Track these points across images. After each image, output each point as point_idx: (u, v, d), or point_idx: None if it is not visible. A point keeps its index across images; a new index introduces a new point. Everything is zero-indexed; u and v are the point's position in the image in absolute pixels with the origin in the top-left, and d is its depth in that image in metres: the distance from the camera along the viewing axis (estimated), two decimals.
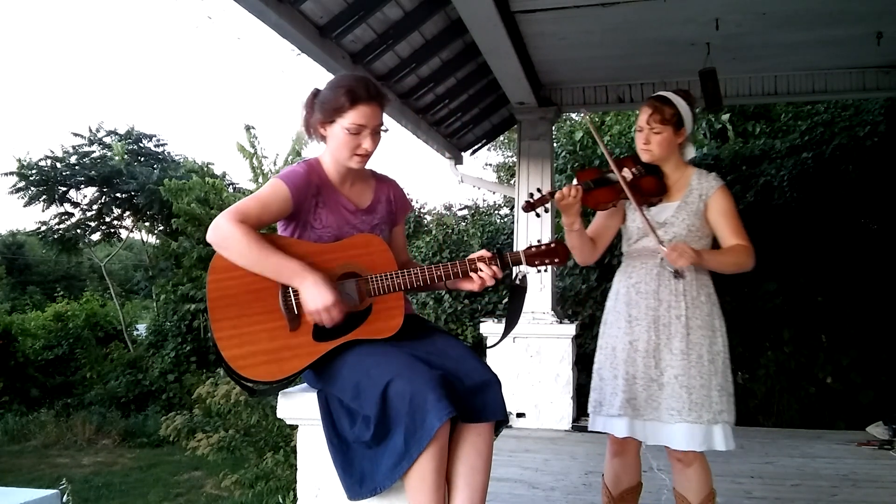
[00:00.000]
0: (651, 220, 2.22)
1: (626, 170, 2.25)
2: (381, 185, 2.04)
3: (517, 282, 1.98)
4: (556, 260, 1.94)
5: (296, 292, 1.76)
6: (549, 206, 2.11)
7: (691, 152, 2.36)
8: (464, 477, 1.72)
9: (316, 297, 1.72)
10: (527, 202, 2.11)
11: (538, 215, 2.13)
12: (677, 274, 2.14)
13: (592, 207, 2.25)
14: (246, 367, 1.76)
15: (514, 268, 1.95)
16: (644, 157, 2.28)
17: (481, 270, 1.87)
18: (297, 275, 1.74)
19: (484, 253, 1.90)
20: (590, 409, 2.35)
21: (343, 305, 1.75)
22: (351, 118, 1.81)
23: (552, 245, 1.94)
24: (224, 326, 1.76)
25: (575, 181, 2.23)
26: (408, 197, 2.14)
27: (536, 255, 1.93)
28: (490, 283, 1.88)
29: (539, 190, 2.14)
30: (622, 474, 2.38)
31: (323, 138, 1.91)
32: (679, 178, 2.30)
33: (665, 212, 2.27)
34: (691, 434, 2.13)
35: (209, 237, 1.77)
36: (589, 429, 2.37)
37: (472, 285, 1.90)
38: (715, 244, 2.31)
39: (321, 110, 1.86)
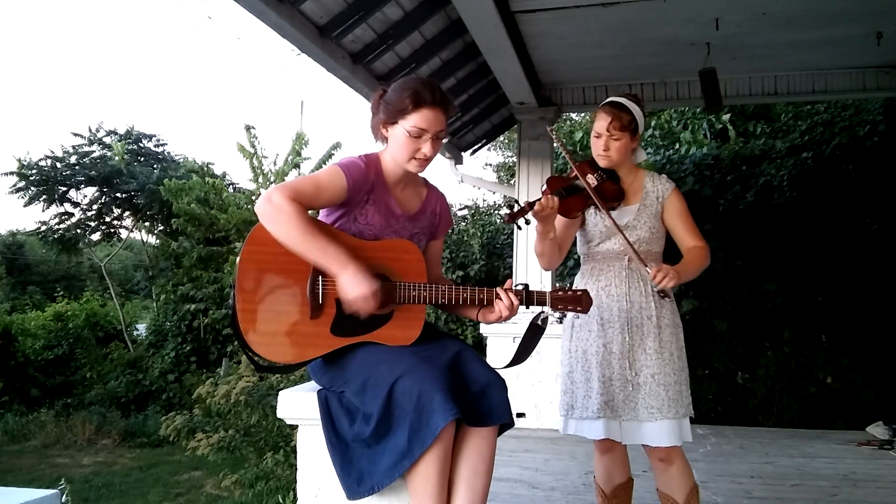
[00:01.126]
0: (618, 224, 2.25)
1: (589, 176, 2.27)
2: (431, 195, 2.05)
3: (539, 322, 1.97)
4: (578, 308, 1.94)
5: (325, 282, 1.76)
6: (529, 216, 2.11)
7: (641, 156, 2.42)
8: (465, 480, 1.72)
9: (355, 286, 1.70)
10: (508, 214, 2.10)
11: (520, 227, 2.13)
12: (663, 294, 2.18)
13: (564, 215, 2.26)
14: (259, 345, 1.76)
15: (538, 306, 1.94)
16: (602, 163, 2.31)
17: (501, 299, 1.87)
18: (339, 262, 1.72)
19: (510, 284, 1.91)
20: (560, 413, 2.37)
21: (378, 300, 1.74)
22: (413, 121, 1.81)
23: (578, 293, 1.94)
24: (247, 298, 1.76)
25: (545, 188, 2.23)
26: (451, 214, 2.14)
27: (561, 300, 1.93)
28: (507, 315, 1.88)
29: (517, 201, 2.15)
30: (613, 471, 2.41)
31: (384, 139, 1.90)
32: (633, 181, 2.35)
33: (626, 215, 2.31)
34: (670, 430, 2.19)
35: (258, 207, 1.74)
36: (561, 433, 2.38)
37: (491, 315, 1.91)
38: (668, 243, 2.37)
39: (385, 111, 1.86)
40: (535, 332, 1.99)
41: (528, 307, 1.92)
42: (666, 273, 2.10)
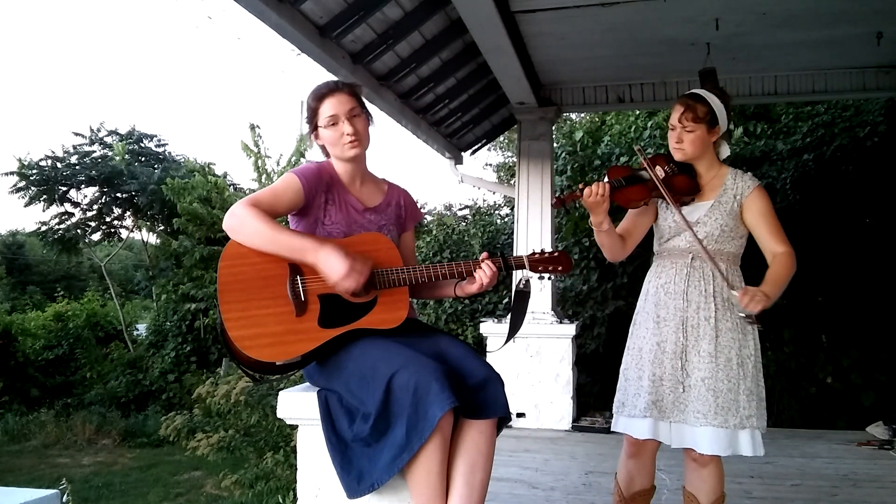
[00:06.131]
0: (686, 218, 2.20)
1: (658, 168, 2.23)
2: (392, 190, 2.11)
3: (521, 286, 2.00)
4: (559, 268, 1.96)
5: (304, 280, 1.80)
6: (580, 201, 2.11)
7: (726, 151, 2.32)
8: (463, 474, 1.72)
9: (334, 266, 1.75)
10: (557, 198, 2.11)
11: (568, 211, 2.13)
12: (751, 321, 2.08)
13: (623, 205, 2.23)
14: (252, 348, 1.77)
15: (518, 272, 1.98)
16: (676, 156, 2.25)
17: (480, 269, 1.90)
18: (310, 250, 1.78)
19: (486, 255, 1.94)
20: (614, 409, 2.34)
21: (363, 269, 1.77)
22: (323, 114, 1.94)
23: (555, 254, 1.97)
24: (232, 309, 1.79)
25: (605, 178, 2.20)
26: (419, 206, 2.19)
27: (540, 262, 1.97)
28: (487, 282, 1.91)
29: (570, 187, 2.14)
30: (636, 476, 2.36)
31: (323, 149, 2.03)
32: (713, 177, 2.27)
33: (697, 211, 2.24)
34: (716, 438, 2.11)
35: (225, 224, 1.83)
36: (612, 429, 2.36)
37: (472, 286, 1.94)
38: (750, 241, 2.28)
39: (308, 127, 2.02)
40: (521, 298, 2.02)
41: (507, 272, 1.96)
42: (753, 296, 2.00)
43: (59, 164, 13.67)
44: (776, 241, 2.19)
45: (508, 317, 1.96)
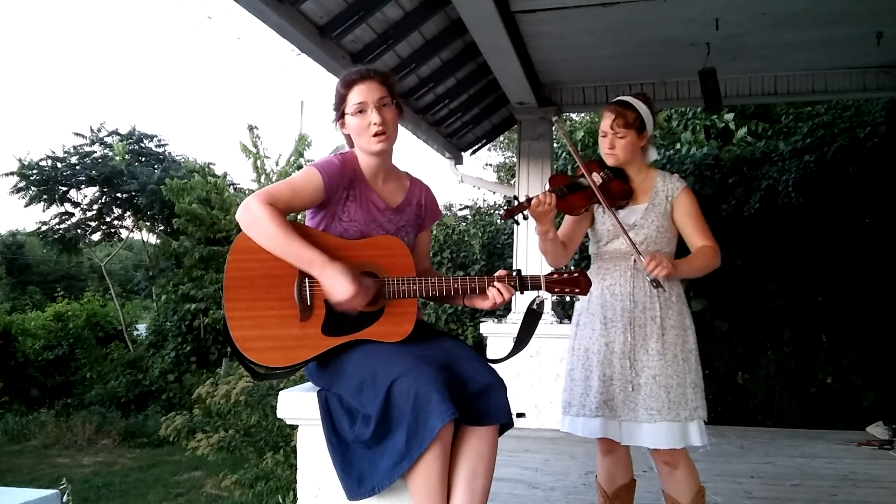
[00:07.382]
0: (622, 223, 2.24)
1: (594, 174, 2.27)
2: (414, 186, 2.05)
3: (534, 306, 1.96)
4: (576, 290, 1.93)
5: (312, 284, 1.77)
6: (527, 212, 2.10)
7: (653, 155, 2.40)
8: (464, 480, 1.71)
9: (337, 288, 1.71)
10: (506, 210, 2.10)
11: (517, 223, 2.13)
12: (656, 283, 2.16)
13: (567, 212, 2.27)
14: (252, 350, 1.76)
15: (533, 292, 1.93)
16: (609, 162, 2.32)
17: (495, 288, 1.86)
18: (318, 265, 1.73)
19: (503, 273, 1.90)
20: (560, 410, 2.39)
21: (365, 295, 1.75)
22: (351, 101, 1.87)
23: (575, 274, 1.93)
24: (237, 307, 1.77)
25: (548, 187, 2.23)
26: (439, 205, 2.14)
27: (557, 283, 1.93)
28: (500, 301, 1.87)
29: (516, 197, 2.14)
30: (615, 472, 2.41)
31: (349, 138, 1.96)
32: (643, 180, 2.34)
33: (634, 214, 2.30)
34: (670, 432, 2.17)
35: (238, 216, 1.78)
36: (560, 429, 2.39)
37: (485, 303, 1.90)
38: (681, 243, 2.35)
39: (334, 112, 1.94)
40: (532, 317, 1.98)
41: (522, 293, 1.91)
42: (659, 262, 2.09)
43: (59, 164, 13.65)
44: (702, 237, 2.29)
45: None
